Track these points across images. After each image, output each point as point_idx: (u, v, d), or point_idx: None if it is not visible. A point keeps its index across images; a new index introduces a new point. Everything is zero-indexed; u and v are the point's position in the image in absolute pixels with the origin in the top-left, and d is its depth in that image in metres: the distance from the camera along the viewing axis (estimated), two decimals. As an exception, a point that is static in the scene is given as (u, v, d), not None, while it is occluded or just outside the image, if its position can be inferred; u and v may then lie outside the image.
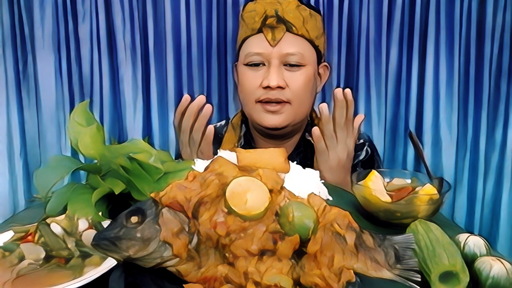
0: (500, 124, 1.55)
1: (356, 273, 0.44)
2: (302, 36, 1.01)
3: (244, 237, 0.44)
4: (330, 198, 0.78)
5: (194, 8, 1.47)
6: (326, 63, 1.10)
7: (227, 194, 0.45)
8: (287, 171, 0.55)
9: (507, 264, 0.51)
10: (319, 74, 1.09)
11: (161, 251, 0.42)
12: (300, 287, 0.43)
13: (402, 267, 0.46)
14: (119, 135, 1.60)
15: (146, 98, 1.57)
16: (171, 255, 0.43)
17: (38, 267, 0.55)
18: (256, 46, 1.01)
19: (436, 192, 0.69)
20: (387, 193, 0.70)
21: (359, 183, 0.75)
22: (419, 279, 0.45)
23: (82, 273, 0.52)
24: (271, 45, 0.99)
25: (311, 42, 1.03)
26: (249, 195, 0.45)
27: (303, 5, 1.03)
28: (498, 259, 0.52)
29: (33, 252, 0.56)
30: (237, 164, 0.52)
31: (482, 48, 1.51)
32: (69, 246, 0.57)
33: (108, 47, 1.49)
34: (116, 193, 0.70)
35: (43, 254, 0.56)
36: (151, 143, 1.59)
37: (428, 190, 0.70)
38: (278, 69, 0.99)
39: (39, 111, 1.55)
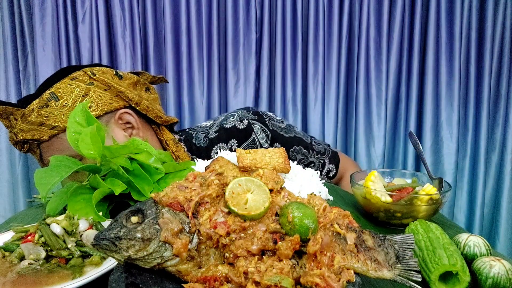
0: (500, 124, 1.56)
1: (356, 273, 0.44)
2: (52, 136, 0.96)
3: (244, 237, 0.44)
4: (331, 198, 0.78)
5: (194, 8, 1.47)
6: (118, 115, 1.01)
7: (227, 194, 0.45)
8: (287, 171, 0.55)
9: (507, 264, 0.51)
10: (127, 121, 1.02)
11: (161, 251, 0.42)
12: (300, 287, 0.43)
13: (402, 267, 0.46)
14: (119, 135, 1.60)
15: (146, 98, 1.57)
16: (171, 255, 0.43)
17: (38, 267, 0.55)
18: None
19: (436, 192, 0.69)
20: (387, 193, 0.70)
21: (359, 183, 0.75)
22: (419, 279, 0.45)
23: (82, 273, 0.52)
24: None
25: (63, 129, 0.95)
26: (249, 195, 0.46)
27: (30, 106, 0.94)
28: (498, 259, 0.52)
29: (33, 252, 0.56)
30: (237, 164, 0.52)
31: (482, 48, 1.51)
32: (69, 246, 0.57)
33: (108, 47, 1.49)
34: (116, 194, 0.71)
35: (43, 254, 0.56)
36: (151, 143, 1.58)
37: (428, 190, 0.70)
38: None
39: (39, 111, 1.55)
